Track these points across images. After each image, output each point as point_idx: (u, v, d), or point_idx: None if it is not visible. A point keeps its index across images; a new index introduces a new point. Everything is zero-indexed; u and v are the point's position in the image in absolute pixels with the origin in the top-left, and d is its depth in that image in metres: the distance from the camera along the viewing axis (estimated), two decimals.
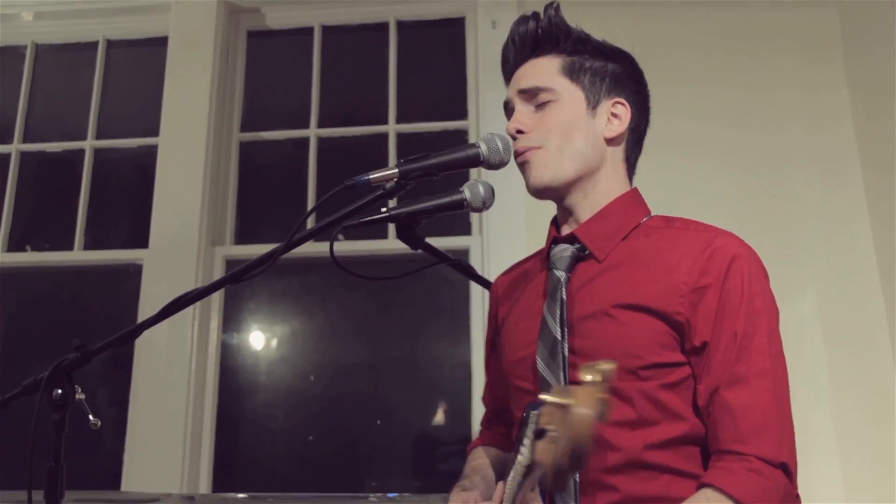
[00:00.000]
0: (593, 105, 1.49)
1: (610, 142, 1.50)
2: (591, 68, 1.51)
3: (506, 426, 1.69)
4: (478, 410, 2.96)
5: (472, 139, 3.28)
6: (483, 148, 1.47)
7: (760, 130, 3.06)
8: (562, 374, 1.37)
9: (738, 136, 3.06)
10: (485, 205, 1.50)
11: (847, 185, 2.99)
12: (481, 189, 1.49)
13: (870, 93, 2.99)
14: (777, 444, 1.24)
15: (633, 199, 1.51)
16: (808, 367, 2.78)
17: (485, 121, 3.16)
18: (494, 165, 1.49)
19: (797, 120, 3.07)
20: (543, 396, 0.87)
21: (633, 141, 1.55)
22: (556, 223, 1.56)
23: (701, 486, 1.24)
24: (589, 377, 0.83)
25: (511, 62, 1.57)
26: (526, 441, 0.96)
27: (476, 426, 2.93)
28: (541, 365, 1.41)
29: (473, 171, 2.79)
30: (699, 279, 1.32)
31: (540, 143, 1.47)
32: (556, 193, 1.51)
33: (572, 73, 1.50)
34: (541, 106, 1.50)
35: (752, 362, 1.28)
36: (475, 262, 3.07)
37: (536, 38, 1.54)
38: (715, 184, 2.99)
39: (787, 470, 1.24)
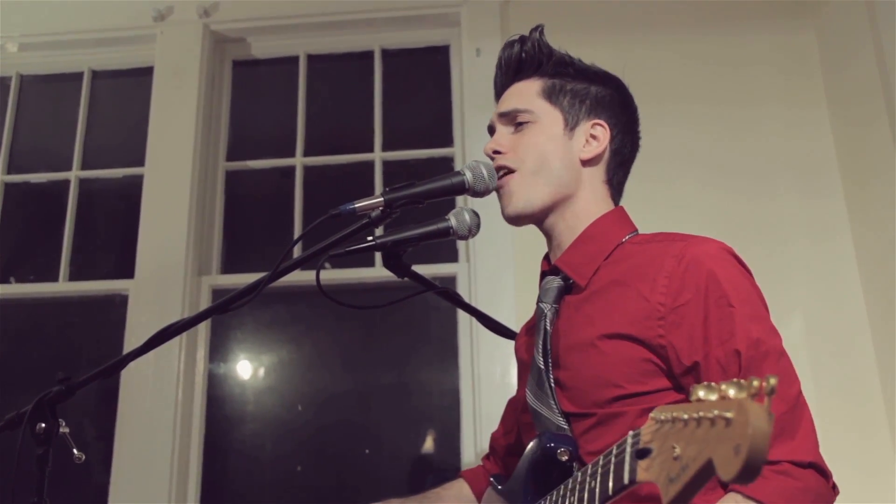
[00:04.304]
0: (571, 126, 1.50)
1: (587, 163, 1.50)
2: (572, 90, 1.52)
3: (494, 461, 1.75)
4: (466, 438, 2.95)
5: (457, 166, 3.29)
6: (468, 175, 1.48)
7: (744, 146, 3.12)
8: (552, 402, 1.36)
9: (722, 152, 3.12)
10: (471, 232, 1.50)
11: (827, 196, 3.05)
12: (467, 217, 1.49)
13: (847, 108, 3.06)
14: (800, 444, 1.20)
15: (613, 219, 1.49)
16: None
17: (470, 148, 3.17)
18: (480, 193, 1.50)
19: (779, 135, 3.14)
20: (677, 412, 0.82)
21: (617, 163, 1.53)
22: (547, 257, 1.56)
23: (728, 490, 1.19)
24: (739, 390, 0.76)
25: (498, 86, 1.59)
26: (611, 466, 0.95)
27: (465, 453, 2.92)
28: (530, 397, 1.41)
29: (459, 199, 2.80)
30: (677, 297, 1.28)
31: (515, 164, 1.48)
32: (531, 219, 1.51)
33: (551, 95, 1.51)
34: (519, 127, 1.51)
35: (760, 371, 1.22)
36: (462, 289, 3.06)
37: (520, 61, 1.55)
38: (699, 199, 3.04)
39: (819, 468, 1.19)
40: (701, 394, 0.81)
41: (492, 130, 1.57)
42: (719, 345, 1.24)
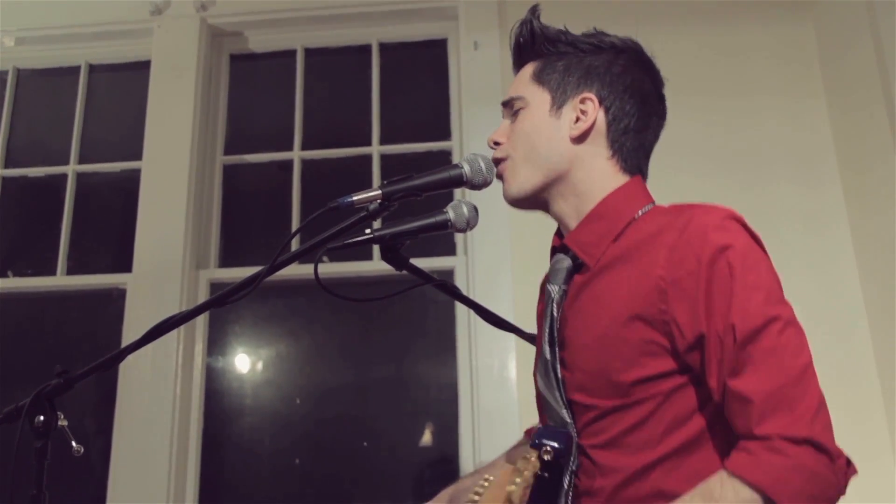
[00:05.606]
0: (559, 105, 1.44)
1: (578, 140, 1.43)
2: (563, 66, 1.46)
3: None
4: (465, 431, 2.95)
5: (455, 159, 3.28)
6: (466, 168, 1.47)
7: (742, 136, 3.14)
8: (558, 394, 1.35)
9: (720, 142, 3.13)
10: (469, 225, 1.49)
11: (825, 186, 3.08)
12: (465, 209, 1.49)
13: (845, 98, 3.08)
14: (796, 419, 1.12)
15: (624, 194, 1.42)
16: None
17: (468, 141, 3.16)
18: (478, 186, 1.49)
19: (777, 125, 3.15)
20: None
21: (621, 131, 1.44)
22: (558, 232, 1.50)
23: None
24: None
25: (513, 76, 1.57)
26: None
27: (463, 447, 2.93)
28: (540, 383, 1.39)
29: (457, 192, 2.80)
30: (678, 269, 1.23)
31: (507, 153, 1.47)
32: (532, 204, 1.48)
33: (541, 75, 1.47)
34: (515, 115, 1.49)
35: (756, 344, 1.16)
36: (460, 282, 3.06)
37: (520, 47, 1.52)
38: (697, 188, 3.01)
39: (817, 444, 1.11)
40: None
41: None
42: (721, 318, 1.19)
